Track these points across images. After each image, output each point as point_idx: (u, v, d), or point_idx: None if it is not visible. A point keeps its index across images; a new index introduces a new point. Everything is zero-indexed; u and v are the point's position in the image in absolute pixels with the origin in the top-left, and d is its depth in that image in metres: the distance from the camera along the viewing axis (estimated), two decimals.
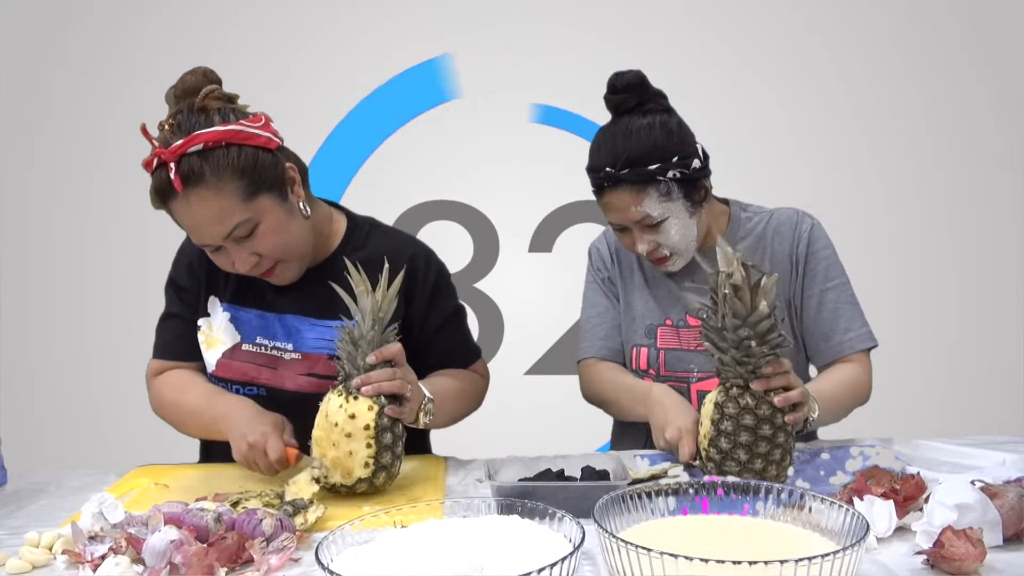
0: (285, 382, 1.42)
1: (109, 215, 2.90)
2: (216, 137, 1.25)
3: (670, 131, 1.46)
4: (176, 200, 1.27)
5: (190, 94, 1.28)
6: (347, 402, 1.20)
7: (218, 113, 1.28)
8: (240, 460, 1.28)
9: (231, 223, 1.28)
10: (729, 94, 2.82)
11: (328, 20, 2.89)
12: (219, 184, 1.25)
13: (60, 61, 2.89)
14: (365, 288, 1.23)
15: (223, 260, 1.35)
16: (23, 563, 1.00)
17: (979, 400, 2.81)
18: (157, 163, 1.26)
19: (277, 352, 1.43)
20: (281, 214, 1.33)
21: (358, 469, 1.19)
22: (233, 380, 1.44)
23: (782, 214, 1.59)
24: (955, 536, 0.90)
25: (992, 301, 2.93)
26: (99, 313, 2.92)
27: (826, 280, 1.54)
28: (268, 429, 1.26)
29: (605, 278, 1.67)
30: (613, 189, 1.46)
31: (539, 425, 2.53)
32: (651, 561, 0.77)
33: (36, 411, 2.90)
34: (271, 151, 1.32)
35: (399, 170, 2.94)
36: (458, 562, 0.85)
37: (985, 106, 2.89)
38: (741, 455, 1.20)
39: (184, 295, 1.48)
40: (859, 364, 1.52)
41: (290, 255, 1.36)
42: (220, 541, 0.96)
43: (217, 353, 1.44)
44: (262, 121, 1.32)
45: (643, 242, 1.50)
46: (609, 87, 1.49)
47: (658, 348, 1.59)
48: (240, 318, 1.45)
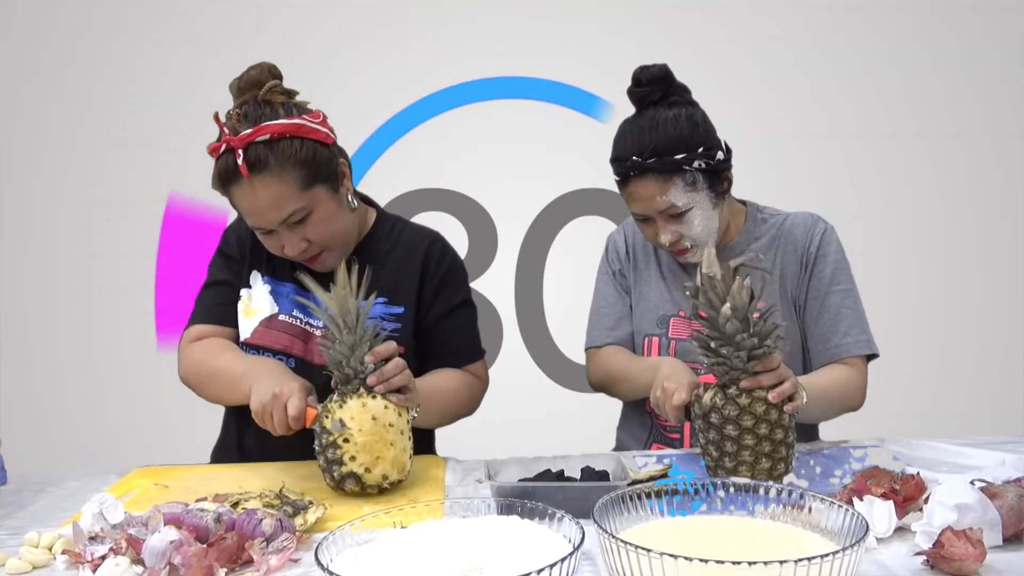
0: (313, 356, 1.47)
1: (110, 216, 2.91)
2: (282, 129, 1.33)
3: (696, 123, 1.48)
4: (239, 185, 1.34)
5: (253, 87, 1.36)
6: (372, 399, 1.21)
7: (282, 107, 1.36)
8: (257, 410, 1.27)
9: (288, 209, 1.36)
10: (740, 99, 2.82)
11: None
12: (281, 172, 1.34)
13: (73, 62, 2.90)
14: (350, 290, 1.24)
15: (273, 243, 1.43)
16: (23, 563, 1.00)
17: (979, 400, 2.81)
18: (225, 149, 1.33)
19: (309, 327, 1.49)
20: (332, 205, 1.42)
21: (408, 462, 1.25)
22: (268, 348, 1.48)
23: (798, 217, 1.61)
24: (955, 536, 0.90)
25: (992, 301, 2.93)
26: (99, 313, 2.92)
27: (832, 284, 1.55)
28: (296, 386, 1.27)
29: (617, 270, 1.70)
30: (639, 178, 1.47)
31: (540, 426, 2.53)
32: (651, 561, 0.77)
33: (36, 411, 2.90)
34: (328, 146, 1.40)
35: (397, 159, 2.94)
36: (458, 562, 0.85)
37: (986, 106, 2.89)
38: (745, 456, 1.19)
39: (231, 264, 1.54)
40: (853, 368, 1.52)
41: (336, 244, 1.45)
42: (220, 541, 0.96)
43: (254, 322, 1.49)
44: (320, 118, 1.41)
45: (666, 232, 1.51)
46: (634, 80, 1.51)
47: (669, 338, 1.60)
48: (279, 291, 1.51)
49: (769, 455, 1.20)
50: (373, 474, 1.20)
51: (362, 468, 1.19)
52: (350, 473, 1.20)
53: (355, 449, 1.19)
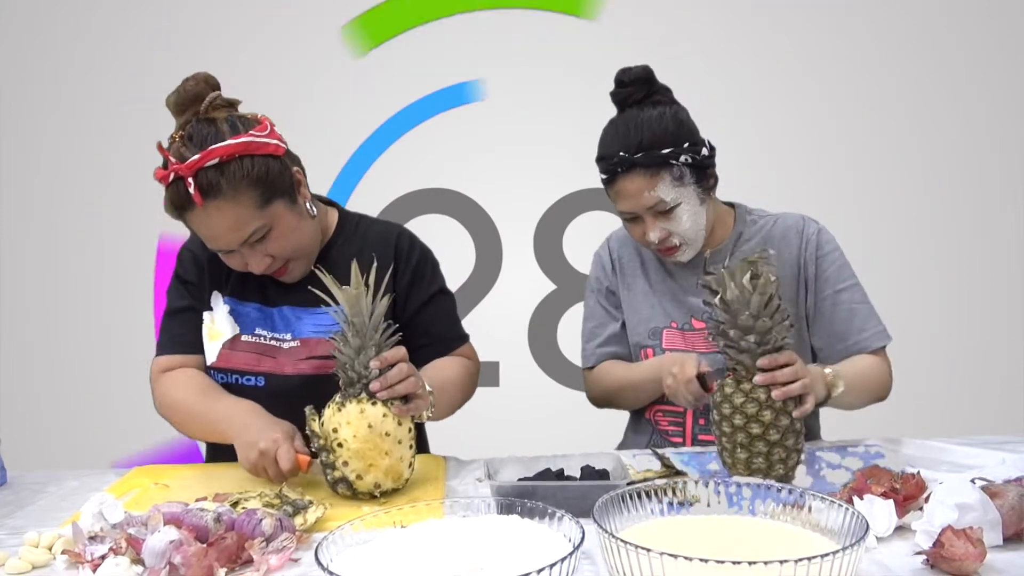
0: (285, 368, 1.45)
1: (109, 216, 2.90)
2: (230, 151, 1.30)
3: (680, 120, 1.49)
4: (194, 212, 1.32)
5: (193, 101, 1.32)
6: (371, 405, 1.20)
7: (226, 123, 1.32)
8: (248, 468, 1.27)
9: (248, 230, 1.34)
10: (729, 98, 2.82)
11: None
12: (236, 195, 1.31)
13: (60, 62, 2.90)
14: (362, 290, 1.22)
15: (236, 261, 1.40)
16: (23, 563, 1.00)
17: (979, 400, 2.81)
18: (174, 177, 1.30)
19: (276, 342, 1.47)
20: (292, 217, 1.39)
21: (406, 471, 1.23)
22: (233, 370, 1.46)
23: (787, 219, 1.61)
24: (955, 536, 0.90)
25: (992, 301, 2.93)
26: (99, 313, 2.92)
27: (838, 282, 1.56)
28: (279, 436, 1.25)
29: (604, 288, 1.69)
30: (626, 174, 1.47)
31: (540, 426, 2.53)
32: (651, 561, 0.77)
33: (36, 411, 2.90)
34: (279, 158, 1.37)
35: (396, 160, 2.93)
36: (458, 562, 0.85)
37: (985, 108, 2.89)
38: (751, 456, 1.19)
39: (191, 289, 1.51)
40: (880, 358, 1.54)
41: (301, 253, 1.43)
42: (220, 541, 0.96)
43: (218, 345, 1.47)
44: (267, 128, 1.36)
45: (655, 230, 1.51)
46: (616, 82, 1.51)
47: (663, 349, 1.60)
48: (240, 311, 1.49)
49: (775, 455, 1.19)
50: (365, 481, 1.19)
51: (354, 475, 1.19)
52: (342, 478, 1.20)
53: (348, 455, 1.19)
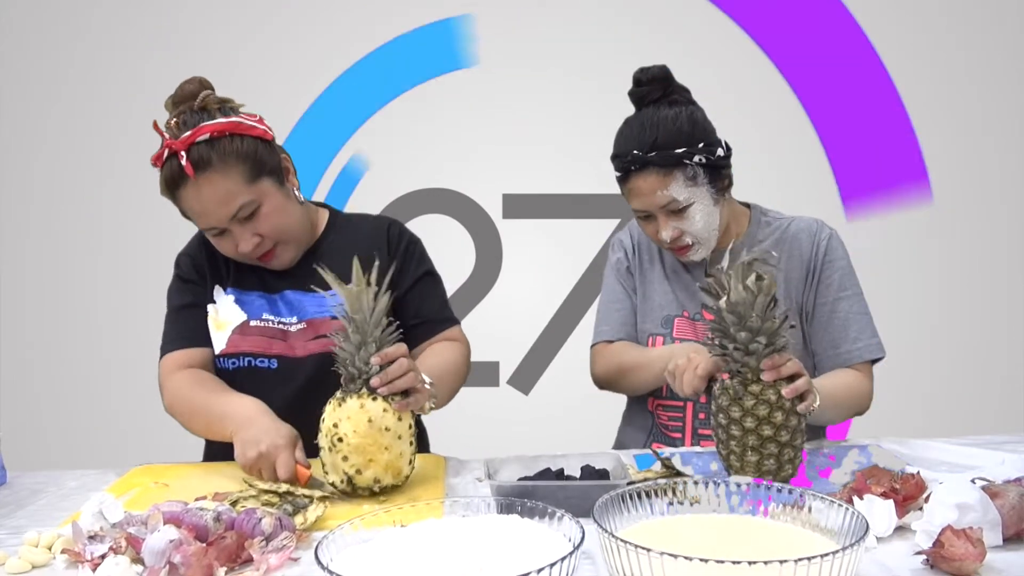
0: (296, 350, 1.49)
1: (109, 215, 2.91)
2: (220, 128, 1.38)
3: (696, 120, 1.49)
4: (186, 186, 1.38)
5: (188, 99, 1.40)
6: (372, 401, 1.20)
7: (219, 111, 1.41)
8: (243, 464, 1.27)
9: (236, 204, 1.39)
10: (741, 99, 2.82)
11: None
12: (225, 168, 1.37)
13: (52, 62, 2.90)
14: (362, 286, 1.23)
15: (227, 244, 1.45)
16: (23, 563, 1.00)
17: (979, 400, 2.81)
18: (168, 154, 1.37)
19: (283, 326, 1.51)
20: (280, 197, 1.45)
21: (405, 467, 1.24)
22: (246, 353, 1.48)
23: (802, 222, 1.62)
24: (955, 536, 0.90)
25: (992, 301, 2.93)
26: (99, 313, 2.92)
27: (840, 290, 1.56)
28: (282, 443, 1.25)
29: (624, 268, 1.70)
30: (640, 173, 1.48)
31: (540, 426, 2.53)
32: (651, 561, 0.77)
33: (36, 411, 2.90)
34: (268, 142, 1.45)
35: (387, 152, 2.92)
36: (458, 562, 0.85)
37: (986, 107, 2.89)
38: (762, 458, 1.19)
39: (191, 287, 1.55)
40: (862, 373, 1.54)
41: (288, 237, 1.48)
42: (219, 540, 0.96)
43: (226, 334, 1.50)
44: (257, 118, 1.45)
45: (667, 228, 1.51)
46: (634, 81, 1.52)
47: (673, 338, 1.61)
48: (244, 300, 1.53)
49: (778, 455, 1.19)
50: (364, 476, 1.19)
51: (353, 469, 1.19)
52: (342, 472, 1.20)
53: (348, 450, 1.19)
